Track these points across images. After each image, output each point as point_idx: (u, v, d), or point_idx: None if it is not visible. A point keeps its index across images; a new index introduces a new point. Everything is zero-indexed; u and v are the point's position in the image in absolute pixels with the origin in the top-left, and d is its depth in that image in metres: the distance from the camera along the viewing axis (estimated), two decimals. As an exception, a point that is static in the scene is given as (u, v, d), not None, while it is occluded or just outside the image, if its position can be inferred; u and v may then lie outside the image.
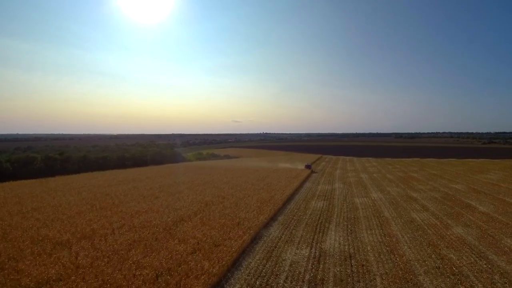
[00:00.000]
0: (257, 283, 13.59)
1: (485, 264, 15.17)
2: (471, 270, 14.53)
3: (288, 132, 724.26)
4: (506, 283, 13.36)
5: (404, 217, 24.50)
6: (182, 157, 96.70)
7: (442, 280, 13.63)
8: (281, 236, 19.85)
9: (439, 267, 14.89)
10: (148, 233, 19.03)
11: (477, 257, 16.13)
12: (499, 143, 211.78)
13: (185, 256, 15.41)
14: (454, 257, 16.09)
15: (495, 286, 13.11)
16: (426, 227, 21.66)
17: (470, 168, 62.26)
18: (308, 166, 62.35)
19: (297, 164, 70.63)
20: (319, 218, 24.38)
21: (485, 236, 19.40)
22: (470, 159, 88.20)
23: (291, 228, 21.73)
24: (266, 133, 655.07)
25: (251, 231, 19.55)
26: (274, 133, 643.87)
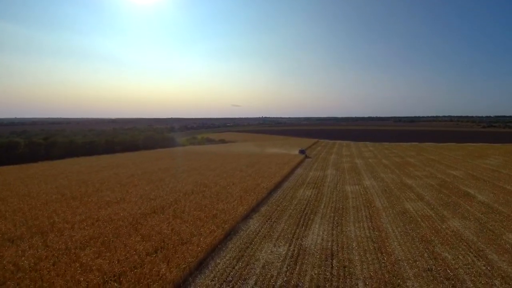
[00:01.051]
0: (221, 289, 11.79)
1: (484, 266, 13.34)
2: (468, 273, 12.71)
3: (287, 116, 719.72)
4: (507, 289, 11.57)
5: (396, 207, 22.66)
6: (175, 141, 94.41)
7: (434, 286, 11.81)
8: (259, 230, 18.02)
9: (432, 269, 13.06)
10: (111, 228, 17.12)
11: (475, 256, 14.31)
12: (499, 127, 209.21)
13: (143, 257, 13.53)
14: (449, 256, 14.27)
15: (495, 294, 11.34)
16: (419, 219, 19.83)
17: (469, 152, 60.34)
18: (302, 151, 60.38)
19: (290, 149, 68.60)
20: (305, 208, 22.53)
21: (484, 231, 17.57)
22: (469, 144, 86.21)
23: (273, 220, 19.89)
24: (265, 117, 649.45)
25: (226, 225, 17.67)
26: (273, 117, 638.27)
